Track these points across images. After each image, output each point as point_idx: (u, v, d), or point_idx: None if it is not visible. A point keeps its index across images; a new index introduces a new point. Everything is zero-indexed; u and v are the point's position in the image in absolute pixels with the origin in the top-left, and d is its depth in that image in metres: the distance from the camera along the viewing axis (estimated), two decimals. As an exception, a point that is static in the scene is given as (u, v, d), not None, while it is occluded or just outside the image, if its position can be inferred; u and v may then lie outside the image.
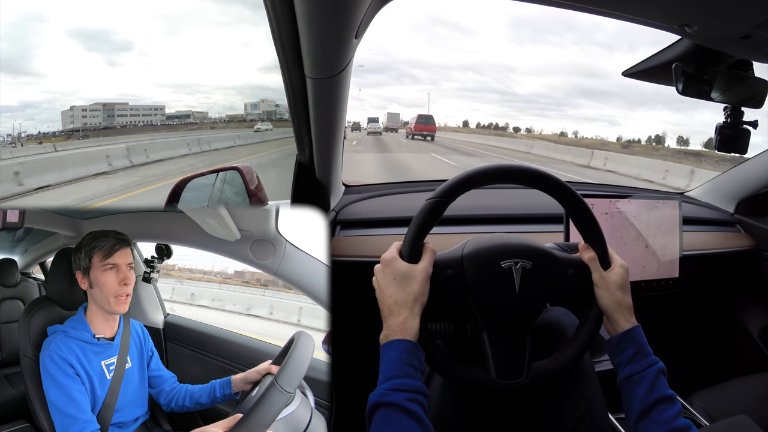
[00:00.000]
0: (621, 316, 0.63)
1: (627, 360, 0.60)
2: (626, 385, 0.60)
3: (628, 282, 0.65)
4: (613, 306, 0.63)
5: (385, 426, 0.50)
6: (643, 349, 0.61)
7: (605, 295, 0.63)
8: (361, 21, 0.62)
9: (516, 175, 0.65)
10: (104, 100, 19.85)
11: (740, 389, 1.01)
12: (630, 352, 0.61)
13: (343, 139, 1.02)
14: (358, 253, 1.04)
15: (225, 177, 1.04)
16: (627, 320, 0.63)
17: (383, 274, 0.61)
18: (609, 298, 0.63)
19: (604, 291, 0.63)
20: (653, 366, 0.60)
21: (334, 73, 0.70)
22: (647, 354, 0.61)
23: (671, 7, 0.63)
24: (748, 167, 1.29)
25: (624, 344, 0.61)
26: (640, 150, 16.78)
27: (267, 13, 0.60)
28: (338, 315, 1.04)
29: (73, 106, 17.21)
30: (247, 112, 26.86)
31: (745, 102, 0.82)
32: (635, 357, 0.60)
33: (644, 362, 0.60)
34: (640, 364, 0.60)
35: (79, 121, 17.00)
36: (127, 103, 20.09)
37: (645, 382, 0.58)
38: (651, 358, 0.61)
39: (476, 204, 1.17)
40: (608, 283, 0.63)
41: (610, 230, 1.01)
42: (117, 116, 18.81)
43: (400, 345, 0.56)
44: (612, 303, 0.63)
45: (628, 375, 0.60)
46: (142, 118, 20.13)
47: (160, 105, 25.54)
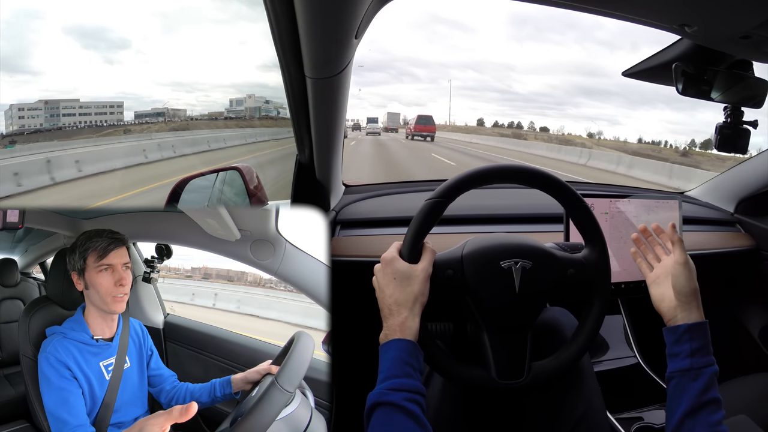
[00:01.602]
0: (697, 305, 0.61)
1: (689, 352, 0.58)
2: (681, 378, 0.58)
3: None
4: (693, 292, 0.61)
5: (383, 425, 0.50)
6: (708, 345, 0.59)
7: (688, 278, 0.61)
8: (361, 21, 0.62)
9: (516, 175, 0.65)
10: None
11: (740, 389, 1.00)
12: (696, 344, 0.58)
13: (343, 138, 1.02)
14: (358, 253, 1.04)
15: (225, 177, 1.04)
16: (700, 312, 0.61)
17: (383, 274, 0.61)
18: (691, 283, 0.61)
19: (687, 273, 0.61)
20: (712, 366, 0.58)
21: (334, 73, 0.70)
22: (710, 351, 0.59)
23: (671, 7, 0.63)
24: (748, 167, 1.29)
25: (692, 335, 0.59)
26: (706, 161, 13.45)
27: (267, 13, 0.60)
28: (338, 315, 1.04)
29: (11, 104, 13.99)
30: (228, 110, 23.76)
31: (745, 102, 0.82)
32: (699, 351, 0.58)
33: (707, 359, 0.58)
34: (703, 360, 0.58)
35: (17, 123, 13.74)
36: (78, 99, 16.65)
37: (702, 379, 0.57)
38: (712, 357, 0.59)
39: (476, 204, 1.17)
40: (691, 267, 0.62)
41: (610, 230, 1.01)
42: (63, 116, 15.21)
43: (400, 345, 0.56)
44: (692, 289, 0.61)
45: (686, 368, 0.58)
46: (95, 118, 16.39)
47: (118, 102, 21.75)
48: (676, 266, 0.62)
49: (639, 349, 1.15)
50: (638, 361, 1.13)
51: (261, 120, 21.52)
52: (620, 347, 1.16)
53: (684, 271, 0.61)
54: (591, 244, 0.66)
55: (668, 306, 0.62)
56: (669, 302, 0.62)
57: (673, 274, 0.62)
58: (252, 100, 25.23)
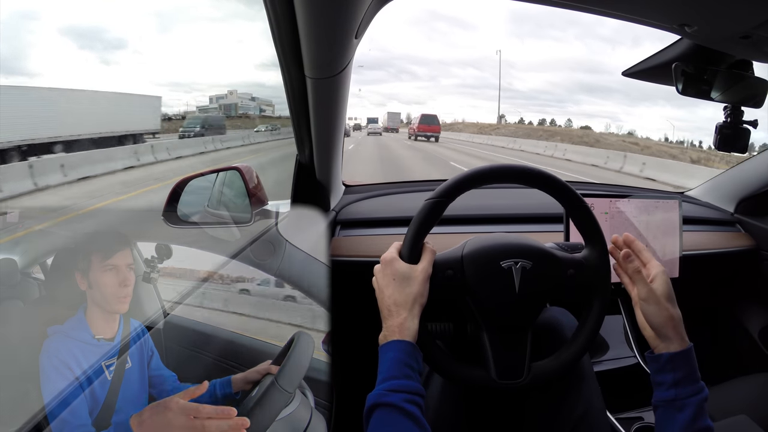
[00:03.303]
0: (675, 333, 0.56)
1: (673, 382, 0.55)
2: (667, 409, 0.55)
3: (672, 289, 0.59)
4: (665, 322, 0.57)
5: (382, 426, 0.50)
6: (693, 373, 0.56)
7: (654, 311, 0.57)
8: (361, 21, 0.62)
9: (516, 175, 0.65)
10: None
11: (740, 389, 1.01)
12: (679, 374, 0.55)
13: (343, 139, 1.02)
14: (358, 253, 1.04)
15: (225, 177, 1.04)
16: (682, 338, 0.57)
17: (383, 275, 0.61)
18: (660, 315, 0.57)
19: (653, 307, 0.57)
20: (699, 393, 0.55)
21: (334, 73, 0.70)
22: (696, 379, 0.55)
23: (671, 7, 0.63)
24: (748, 167, 1.29)
25: (675, 365, 0.56)
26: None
27: (267, 13, 0.60)
28: (338, 315, 1.04)
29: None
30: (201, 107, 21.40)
31: (745, 101, 0.82)
32: (683, 381, 0.55)
33: (692, 388, 0.55)
34: (688, 389, 0.55)
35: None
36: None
37: (689, 410, 0.54)
38: (699, 384, 0.55)
39: (476, 204, 1.17)
40: (657, 297, 0.57)
41: (610, 230, 1.01)
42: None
43: (399, 346, 0.56)
44: (664, 319, 0.57)
45: (671, 399, 0.55)
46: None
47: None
48: (640, 302, 0.59)
49: (639, 349, 1.15)
50: (638, 361, 1.12)
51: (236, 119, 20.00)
52: (620, 347, 1.16)
53: (649, 308, 0.58)
54: (591, 244, 0.66)
55: (648, 334, 0.59)
56: (648, 332, 0.59)
57: (641, 310, 0.59)
58: (233, 96, 24.08)
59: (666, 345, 0.57)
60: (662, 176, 8.94)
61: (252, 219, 0.92)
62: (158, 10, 40.21)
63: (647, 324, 0.58)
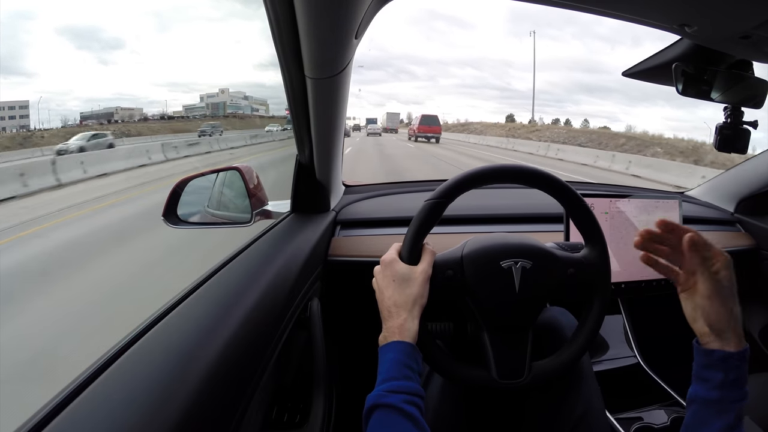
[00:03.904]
0: (734, 332, 0.52)
1: (721, 383, 0.51)
2: (705, 407, 0.51)
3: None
4: (728, 320, 0.51)
5: (381, 427, 0.50)
6: (743, 377, 0.51)
7: (718, 308, 0.51)
8: (361, 21, 0.62)
9: (516, 175, 0.65)
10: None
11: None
12: (731, 376, 0.51)
13: (343, 138, 1.02)
14: (357, 253, 1.04)
15: (225, 177, 1.04)
16: (740, 338, 0.52)
17: (383, 276, 0.61)
18: (725, 312, 0.51)
19: (718, 302, 0.51)
20: (743, 400, 0.51)
21: (334, 73, 0.70)
22: (743, 384, 0.51)
23: (671, 7, 0.62)
24: (748, 167, 1.29)
25: (727, 365, 0.51)
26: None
27: (267, 13, 0.60)
28: (338, 315, 1.04)
29: None
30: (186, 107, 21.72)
31: (745, 102, 0.82)
32: (732, 384, 0.51)
33: (738, 393, 0.51)
34: (734, 394, 0.51)
35: None
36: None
37: (730, 415, 0.50)
38: (745, 389, 0.51)
39: (476, 204, 1.17)
40: (724, 292, 0.51)
41: (610, 230, 1.01)
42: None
43: (399, 347, 0.56)
44: (727, 316, 0.51)
45: (713, 399, 0.51)
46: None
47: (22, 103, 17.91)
48: (699, 298, 0.52)
49: (639, 349, 1.15)
50: (638, 361, 1.13)
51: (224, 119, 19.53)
52: (620, 347, 1.16)
53: (714, 301, 0.51)
54: (591, 244, 0.66)
55: (701, 330, 0.53)
56: (701, 326, 0.53)
57: (701, 307, 0.52)
58: (225, 95, 24.16)
59: (722, 343, 0.51)
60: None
61: (252, 219, 0.92)
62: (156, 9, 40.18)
63: (703, 320, 0.52)
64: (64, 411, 0.38)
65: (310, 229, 0.96)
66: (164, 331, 0.51)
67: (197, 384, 0.44)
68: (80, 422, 0.37)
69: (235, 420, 0.50)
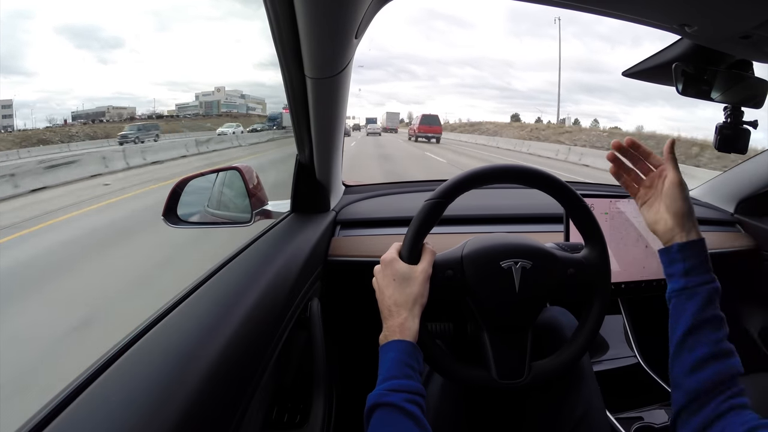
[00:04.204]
0: (692, 226, 0.58)
1: (684, 271, 0.56)
2: (677, 298, 0.56)
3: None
4: (688, 212, 0.59)
5: (383, 426, 0.50)
6: (705, 263, 0.57)
7: (682, 201, 0.59)
8: (360, 21, 0.62)
9: (516, 175, 0.65)
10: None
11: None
12: (690, 264, 0.56)
13: (343, 138, 1.02)
14: (357, 253, 1.04)
15: (225, 177, 1.04)
16: (697, 231, 0.58)
17: (383, 275, 0.61)
18: (685, 205, 0.58)
19: (682, 195, 0.59)
20: (710, 283, 0.56)
21: (334, 73, 0.70)
22: (707, 269, 0.56)
23: (671, 7, 0.62)
24: (748, 167, 1.29)
25: (685, 254, 0.57)
26: None
27: (267, 13, 0.60)
28: (338, 315, 1.04)
29: None
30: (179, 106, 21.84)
31: (745, 102, 0.82)
32: (694, 270, 0.56)
33: (702, 278, 0.56)
34: (698, 278, 0.56)
35: None
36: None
37: (698, 297, 0.55)
38: (710, 275, 0.56)
39: (476, 204, 1.17)
40: (685, 187, 0.59)
41: (610, 230, 1.01)
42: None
43: (399, 346, 0.56)
44: (688, 209, 0.59)
45: (681, 287, 0.56)
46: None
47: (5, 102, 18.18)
48: (671, 187, 0.60)
49: (639, 349, 1.15)
50: (638, 361, 1.13)
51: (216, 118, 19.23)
52: (620, 347, 1.16)
53: (680, 192, 0.59)
54: (591, 244, 0.66)
55: (664, 228, 0.60)
56: (664, 224, 0.60)
57: (667, 194, 0.60)
58: (221, 94, 23.50)
59: (684, 235, 0.58)
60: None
61: (252, 219, 0.92)
62: (155, 8, 40.24)
63: (667, 215, 0.59)
64: (64, 412, 0.38)
65: (310, 229, 0.96)
66: (164, 331, 0.51)
67: (197, 384, 0.44)
68: (80, 423, 0.37)
69: (235, 420, 0.50)
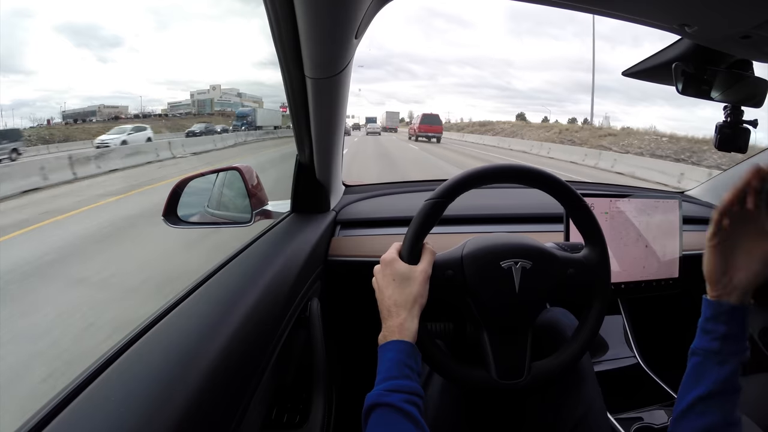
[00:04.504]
0: (750, 288, 0.54)
1: (723, 335, 0.53)
2: (706, 359, 0.53)
3: None
4: (754, 273, 0.53)
5: (381, 427, 0.50)
6: (745, 331, 0.54)
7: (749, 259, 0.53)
8: (361, 21, 0.62)
9: (516, 175, 0.65)
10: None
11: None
12: (734, 329, 0.53)
13: (343, 138, 1.02)
14: (357, 252, 1.04)
15: (225, 177, 1.04)
16: (748, 294, 0.54)
17: (383, 275, 0.61)
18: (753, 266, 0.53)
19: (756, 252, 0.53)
20: (744, 353, 0.53)
21: (334, 73, 0.70)
22: (745, 339, 0.54)
23: (671, 7, 0.62)
24: (748, 167, 1.28)
25: (731, 317, 0.53)
26: None
27: (267, 13, 0.60)
28: (338, 315, 1.04)
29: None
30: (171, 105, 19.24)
31: (745, 101, 0.82)
32: (735, 336, 0.53)
33: (740, 345, 0.53)
34: (735, 346, 0.53)
35: None
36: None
37: (729, 366, 0.52)
38: (746, 343, 0.54)
39: (476, 204, 1.17)
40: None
41: (610, 230, 1.01)
42: None
43: (399, 346, 0.56)
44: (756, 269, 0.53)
45: (715, 350, 0.53)
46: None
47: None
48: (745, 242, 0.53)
49: (639, 349, 1.15)
50: (638, 361, 1.13)
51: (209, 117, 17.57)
52: (620, 347, 1.16)
53: (760, 244, 0.53)
54: (591, 244, 0.66)
55: (714, 278, 0.55)
56: (715, 274, 0.54)
57: (747, 248, 0.53)
58: (216, 92, 22.41)
59: (732, 297, 0.53)
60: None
61: (252, 219, 0.92)
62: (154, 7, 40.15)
63: (747, 272, 0.53)
64: (64, 411, 0.38)
65: (310, 229, 0.96)
66: (164, 330, 0.51)
67: (197, 384, 0.44)
68: (80, 422, 0.37)
69: (235, 420, 0.50)
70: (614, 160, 12.41)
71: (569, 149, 15.75)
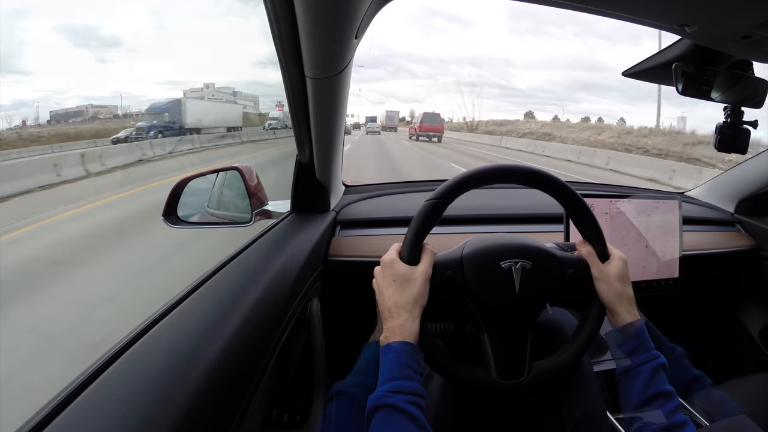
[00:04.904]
0: (622, 309, 0.62)
1: (627, 353, 0.60)
2: (623, 379, 0.60)
3: (628, 273, 0.64)
4: (613, 299, 0.62)
5: (383, 427, 0.50)
6: (644, 343, 0.60)
7: (605, 288, 0.63)
8: (361, 21, 0.62)
9: (516, 175, 0.65)
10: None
11: (740, 389, 1.00)
12: (629, 345, 0.60)
13: (343, 138, 1.02)
14: (357, 253, 1.04)
15: (225, 177, 1.04)
16: (628, 312, 0.62)
17: (383, 276, 0.61)
18: (609, 291, 0.63)
19: (604, 284, 0.63)
20: (652, 361, 0.59)
21: (334, 73, 0.70)
22: (648, 348, 0.60)
23: (671, 7, 0.62)
24: (748, 167, 1.29)
25: (625, 336, 0.61)
26: None
27: (267, 13, 0.60)
28: (338, 315, 1.04)
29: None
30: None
31: (745, 102, 0.82)
32: (635, 351, 0.60)
33: (643, 356, 0.60)
34: (639, 358, 0.59)
35: None
36: None
37: (642, 376, 0.58)
38: (651, 352, 0.60)
39: (476, 204, 1.17)
40: (607, 276, 0.63)
41: (610, 230, 1.01)
42: None
43: (400, 347, 0.56)
44: (612, 295, 0.62)
45: (626, 369, 0.60)
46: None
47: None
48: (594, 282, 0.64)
49: None
50: None
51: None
52: None
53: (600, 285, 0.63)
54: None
55: (608, 316, 0.65)
56: (608, 313, 0.65)
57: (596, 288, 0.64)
58: (209, 90, 21.58)
59: (615, 320, 0.63)
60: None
61: (252, 219, 0.92)
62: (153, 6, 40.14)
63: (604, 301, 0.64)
64: (65, 411, 0.38)
65: (310, 229, 0.96)
66: (164, 330, 0.51)
67: (197, 384, 0.44)
68: (81, 422, 0.37)
69: (235, 420, 0.50)
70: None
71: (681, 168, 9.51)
